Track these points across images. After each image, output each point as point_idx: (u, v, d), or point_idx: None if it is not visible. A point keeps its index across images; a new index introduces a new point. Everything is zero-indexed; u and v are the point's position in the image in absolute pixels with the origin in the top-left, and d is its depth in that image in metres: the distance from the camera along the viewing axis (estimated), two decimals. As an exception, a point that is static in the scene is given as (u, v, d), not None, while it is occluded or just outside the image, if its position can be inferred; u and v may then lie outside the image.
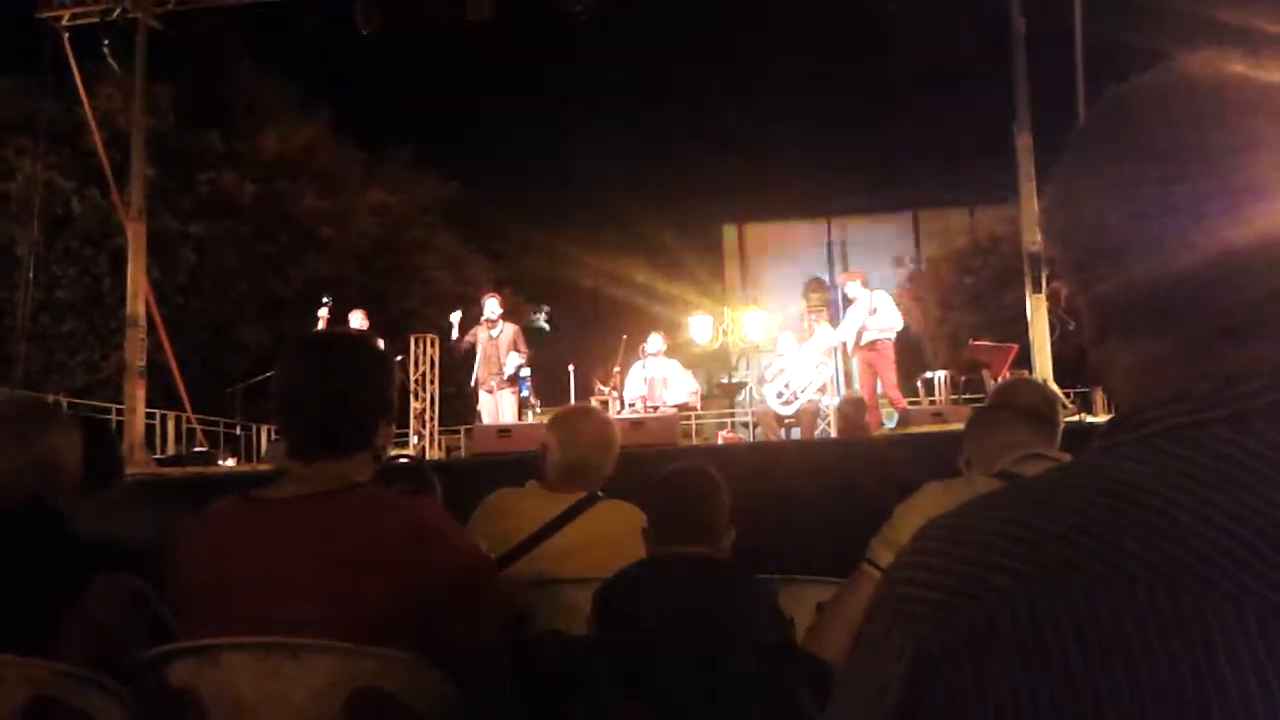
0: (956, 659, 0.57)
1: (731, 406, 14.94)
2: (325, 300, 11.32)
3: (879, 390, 10.16)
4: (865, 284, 10.22)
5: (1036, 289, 10.90)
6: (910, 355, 14.38)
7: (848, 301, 10.20)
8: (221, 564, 1.85)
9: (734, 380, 14.62)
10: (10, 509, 2.09)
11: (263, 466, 11.62)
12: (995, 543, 0.60)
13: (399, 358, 12.45)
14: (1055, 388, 8.95)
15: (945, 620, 0.58)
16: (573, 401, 12.78)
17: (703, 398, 14.26)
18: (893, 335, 10.02)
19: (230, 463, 12.61)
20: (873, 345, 9.90)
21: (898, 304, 10.61)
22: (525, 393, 11.15)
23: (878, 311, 9.90)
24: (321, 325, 10.70)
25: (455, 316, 10.68)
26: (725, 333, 16.97)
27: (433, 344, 14.06)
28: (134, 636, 1.94)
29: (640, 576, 2.25)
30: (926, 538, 0.64)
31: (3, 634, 1.86)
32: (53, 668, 1.84)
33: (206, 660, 1.74)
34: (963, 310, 22.45)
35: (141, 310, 12.96)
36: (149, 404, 13.32)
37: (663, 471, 2.46)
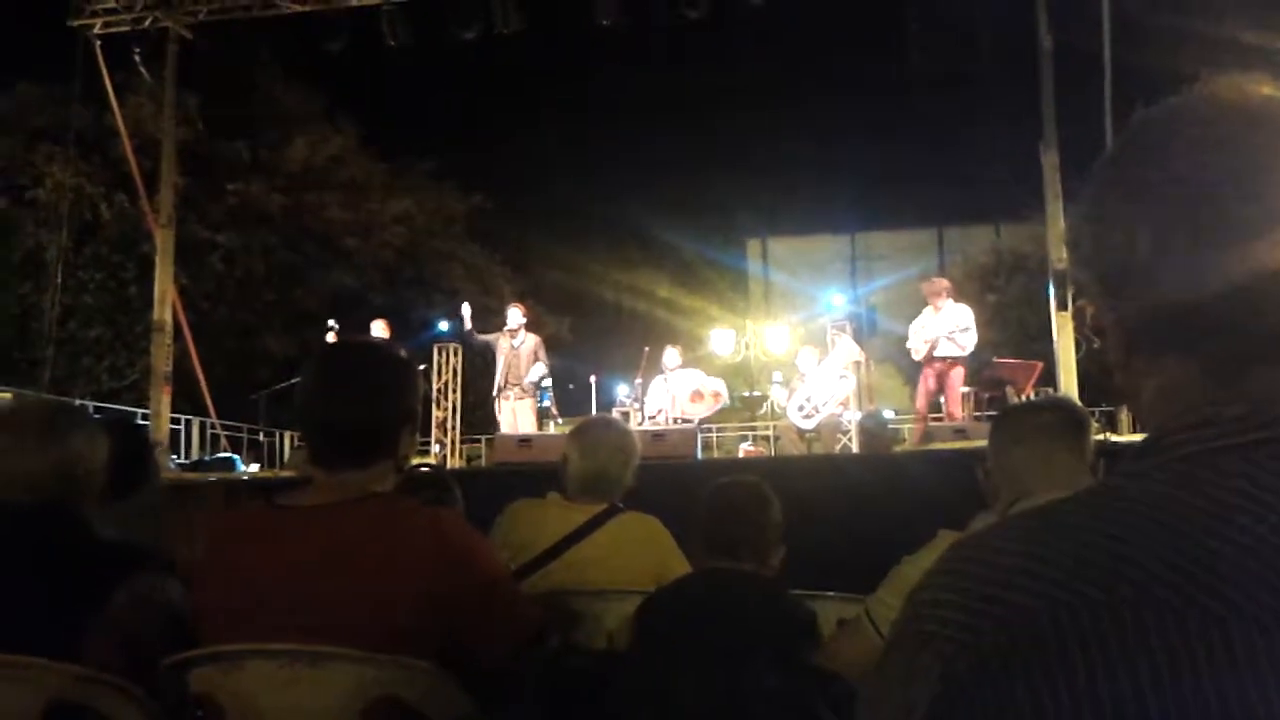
0: (982, 681, 0.57)
1: (753, 420, 14.90)
2: (331, 325, 11.31)
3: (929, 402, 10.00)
4: (951, 296, 9.97)
5: (1062, 307, 10.83)
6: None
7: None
8: (243, 571, 1.85)
9: (755, 394, 14.59)
10: (33, 511, 2.09)
11: (285, 473, 11.68)
12: (1021, 566, 0.59)
13: (422, 367, 12.50)
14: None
15: (971, 642, 0.58)
16: (594, 413, 12.79)
17: (724, 410, 14.22)
18: (967, 353, 9.84)
19: (253, 468, 12.69)
20: (951, 360, 9.71)
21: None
22: (546, 403, 11.15)
23: (968, 330, 9.71)
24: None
25: (466, 308, 10.64)
26: (747, 346, 16.95)
27: (455, 353, 14.12)
28: (155, 641, 1.95)
29: (683, 591, 2.24)
30: (953, 560, 0.64)
31: (24, 636, 1.87)
32: (74, 671, 1.85)
33: (227, 666, 1.75)
34: (985, 327, 22.28)
35: (168, 316, 13.08)
36: (174, 409, 13.43)
37: (713, 485, 2.44)
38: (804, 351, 11.14)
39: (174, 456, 12.89)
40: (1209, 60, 10.47)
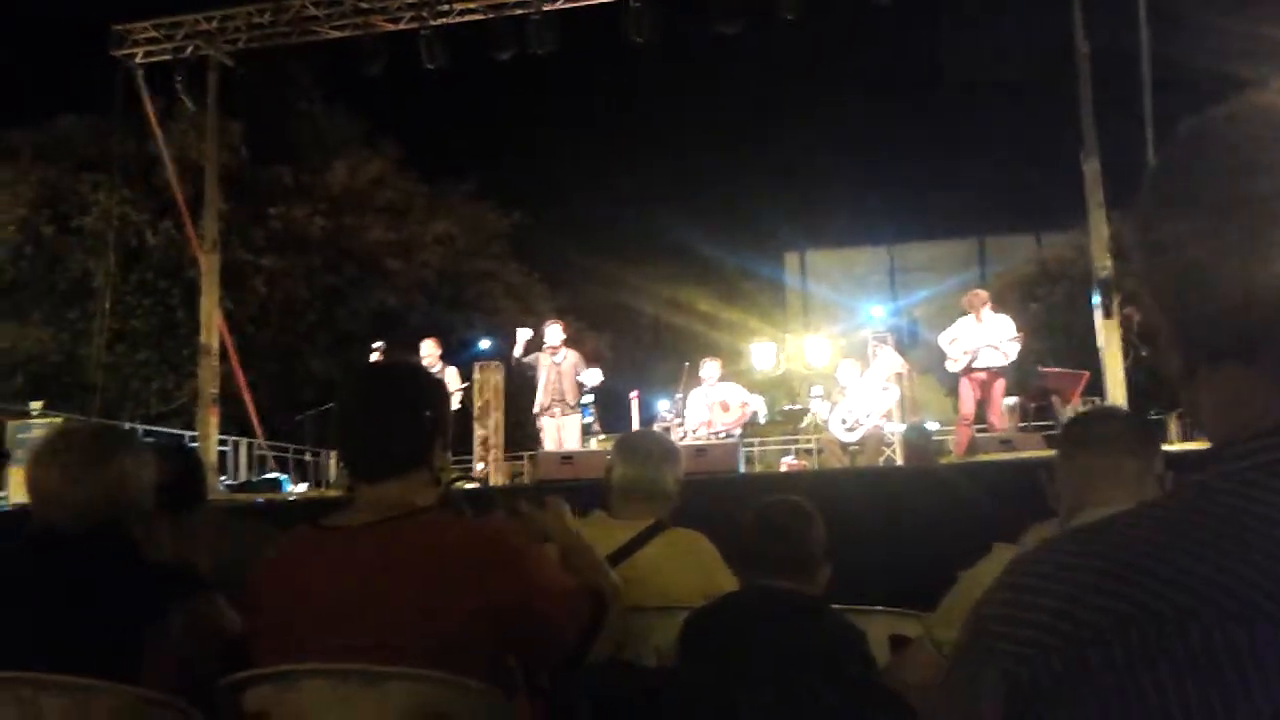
0: (1050, 696, 0.57)
1: (794, 433, 14.84)
2: (376, 346, 11.43)
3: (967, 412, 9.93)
4: (992, 308, 9.94)
5: (1108, 315, 10.71)
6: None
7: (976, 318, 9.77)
8: (295, 592, 1.87)
9: (796, 407, 14.54)
10: (86, 536, 2.12)
11: (331, 492, 11.78)
12: (1089, 581, 0.59)
13: (464, 385, 12.56)
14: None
15: (1039, 658, 0.58)
16: (635, 427, 12.79)
17: (765, 424, 14.15)
18: (1010, 363, 9.78)
19: (300, 488, 12.81)
20: (995, 371, 9.66)
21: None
22: (588, 418, 11.16)
23: (1015, 339, 9.66)
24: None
25: (523, 334, 10.66)
26: (787, 359, 16.91)
27: (496, 371, 14.18)
28: (210, 662, 1.97)
29: (728, 609, 2.23)
30: (1019, 574, 0.63)
31: (84, 658, 1.90)
32: (135, 693, 1.88)
33: (283, 686, 1.76)
34: (1030, 337, 22.06)
35: (214, 340, 13.26)
36: (221, 431, 13.60)
37: (756, 504, 2.44)
38: (845, 364, 11.09)
39: (222, 478, 13.05)
40: (1249, 61, 10.34)
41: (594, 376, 10.41)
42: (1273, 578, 0.55)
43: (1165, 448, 2.24)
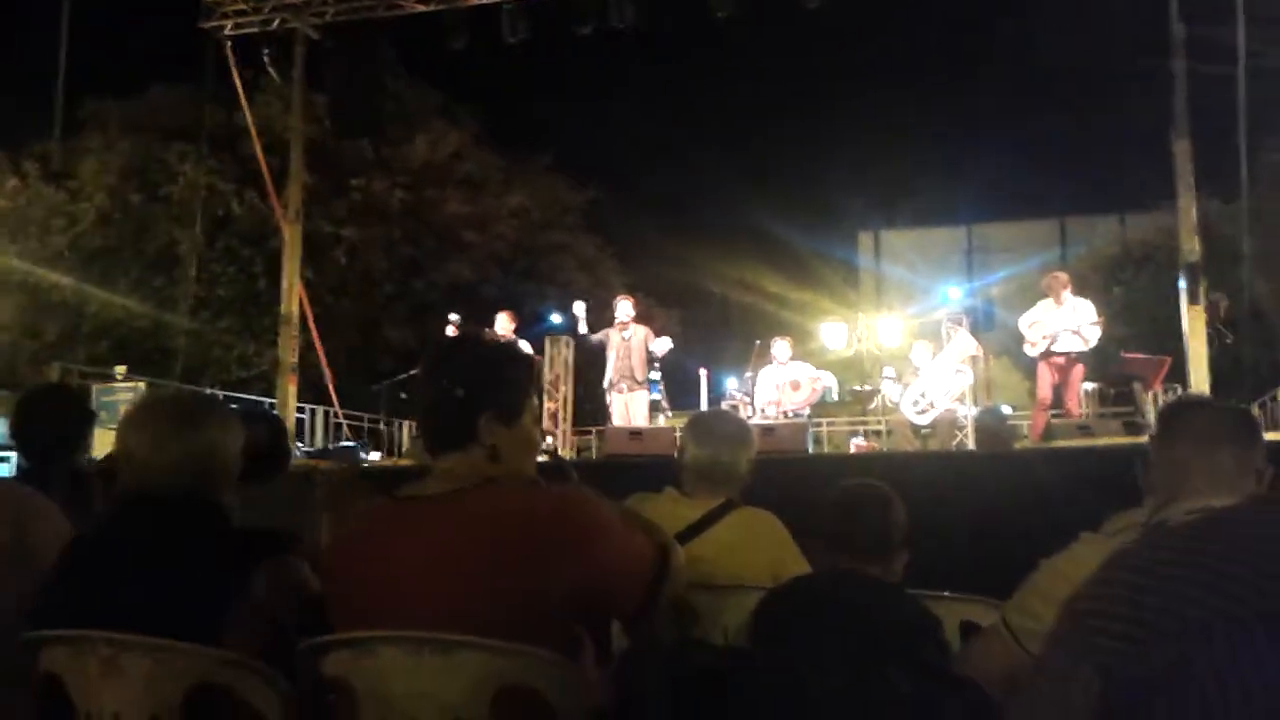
0: (1150, 693, 0.56)
1: (864, 414, 14.70)
2: (452, 319, 11.55)
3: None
4: (1073, 291, 9.76)
5: (1194, 300, 10.42)
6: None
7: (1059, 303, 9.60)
8: (371, 562, 1.91)
9: (867, 388, 14.40)
10: (173, 500, 2.17)
11: (404, 461, 11.96)
12: (1192, 577, 0.58)
13: (537, 359, 12.64)
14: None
15: (1137, 655, 0.57)
16: (703, 405, 12.78)
17: (834, 405, 14.02)
18: (1090, 348, 9.60)
19: (375, 456, 13.03)
20: (1074, 356, 9.50)
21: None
22: (656, 395, 11.17)
23: (1095, 324, 9.48)
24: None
25: (580, 307, 10.68)
26: (859, 340, 16.74)
27: (567, 346, 14.25)
28: (291, 626, 2.02)
29: (803, 590, 2.23)
30: (1116, 568, 0.63)
31: (168, 622, 1.95)
32: (216, 655, 1.92)
33: (360, 652, 1.80)
34: (1112, 321, 21.54)
35: (295, 309, 13.51)
36: (299, 399, 13.87)
37: (837, 486, 2.44)
38: (918, 345, 10.95)
39: (299, 444, 13.32)
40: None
41: (664, 345, 10.39)
42: None
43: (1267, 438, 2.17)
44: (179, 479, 2.17)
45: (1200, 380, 10.26)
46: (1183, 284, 10.69)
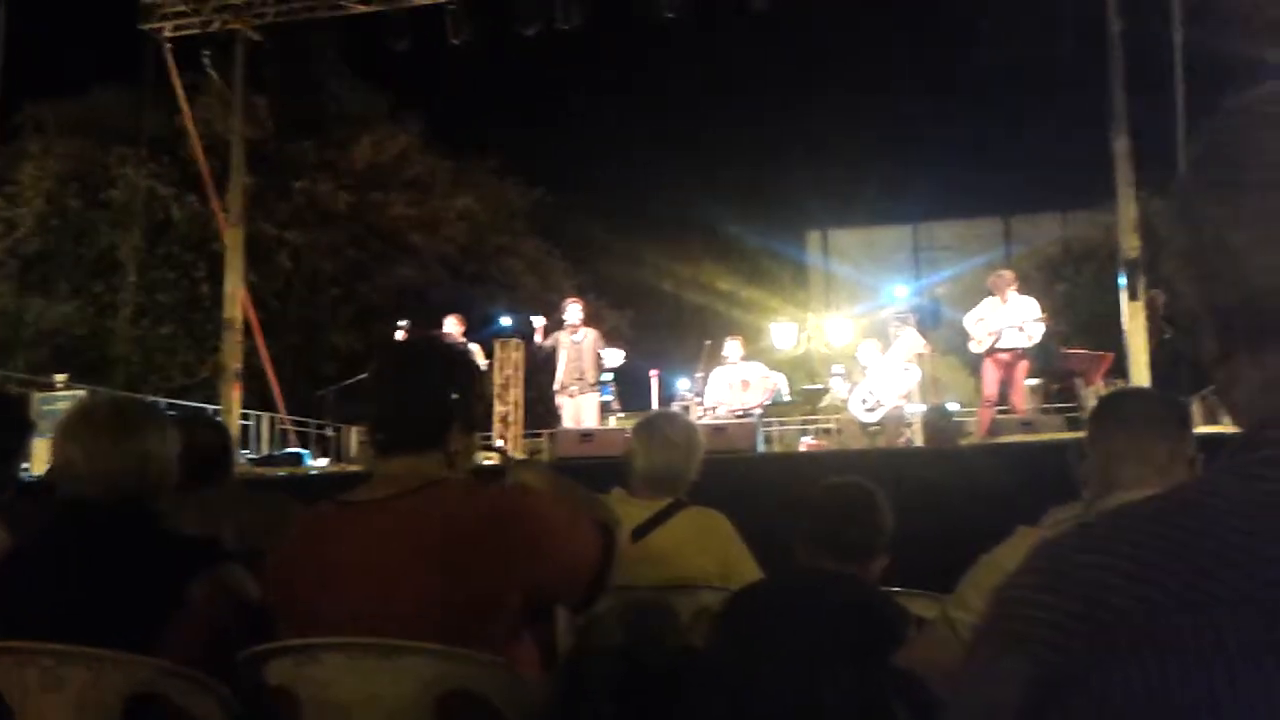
0: (1075, 683, 0.56)
1: (814, 413, 14.81)
2: (401, 324, 11.57)
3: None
4: (1017, 289, 9.91)
5: (1134, 296, 10.61)
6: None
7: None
8: (315, 567, 1.89)
9: (817, 386, 14.51)
10: (110, 508, 2.14)
11: (352, 467, 11.85)
12: (1116, 565, 0.58)
13: (485, 362, 12.59)
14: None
15: (1064, 644, 0.57)
16: (654, 407, 12.79)
17: (784, 404, 14.10)
18: (1034, 344, 9.75)
19: (322, 463, 12.88)
20: (1018, 352, 9.65)
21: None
22: (607, 397, 11.17)
23: (1039, 320, 9.64)
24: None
25: (539, 321, 10.77)
26: (809, 339, 16.87)
27: (517, 348, 14.20)
28: (232, 634, 1.99)
29: (770, 590, 2.23)
30: (1043, 558, 0.63)
31: (106, 630, 1.92)
32: (155, 664, 1.90)
33: (303, 659, 1.78)
34: (1054, 318, 21.89)
35: (238, 314, 13.32)
36: (244, 405, 13.69)
37: (822, 483, 2.43)
38: (866, 344, 11.05)
39: (244, 451, 13.14)
40: (1281, 41, 10.19)
41: (615, 357, 10.43)
42: None
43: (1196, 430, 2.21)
44: (115, 487, 2.15)
45: (1141, 375, 10.45)
46: (1123, 281, 10.88)
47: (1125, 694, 0.55)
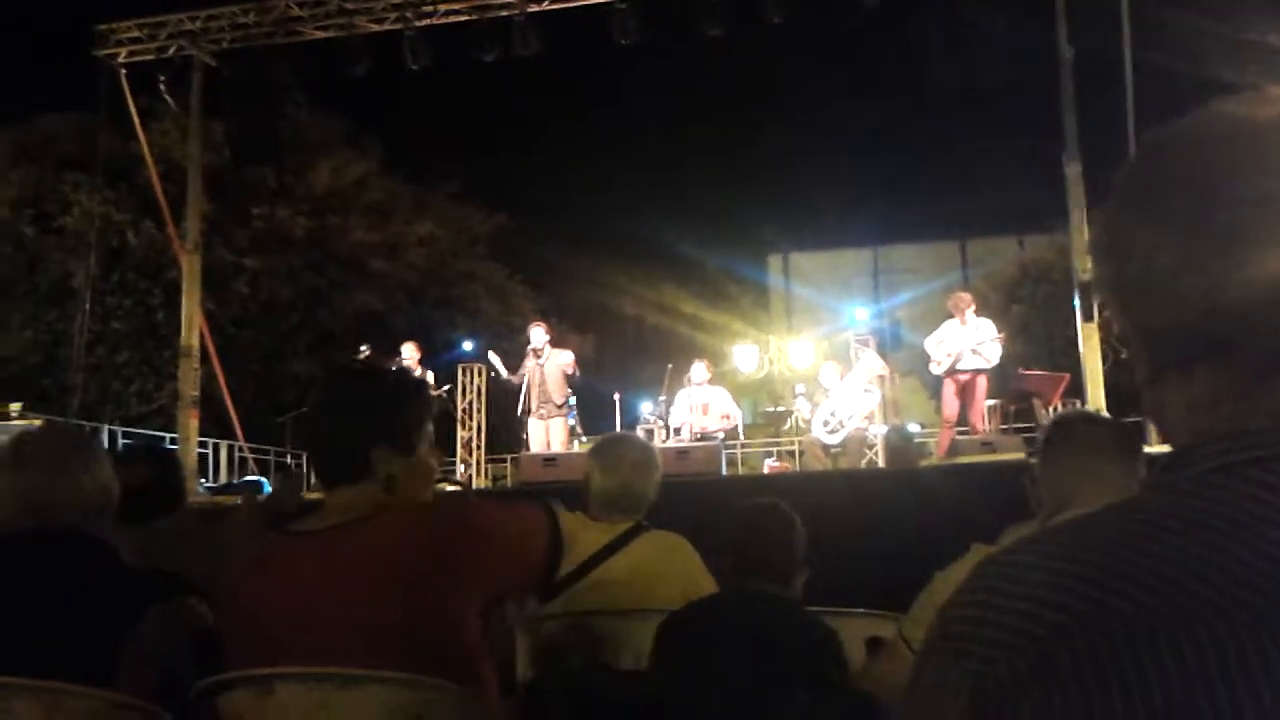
0: (1015, 698, 0.57)
1: (777, 435, 14.86)
2: (362, 350, 11.53)
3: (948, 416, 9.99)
4: (975, 311, 10.01)
5: (1088, 318, 10.76)
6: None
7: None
8: (266, 599, 1.87)
9: (779, 409, 14.56)
10: (58, 539, 2.11)
11: (312, 495, 11.73)
12: (1052, 581, 0.59)
13: (447, 387, 12.54)
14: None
15: (1003, 659, 0.58)
16: (618, 430, 12.77)
17: (748, 426, 14.17)
18: (992, 366, 9.84)
19: (280, 491, 12.71)
20: (976, 372, 9.73)
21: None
22: (571, 421, 11.15)
23: (995, 341, 9.74)
24: None
25: (495, 358, 10.82)
26: (771, 361, 16.94)
27: (480, 374, 14.16)
28: (185, 666, 1.96)
29: (705, 611, 2.23)
30: (983, 576, 0.63)
31: (58, 662, 1.88)
32: (107, 697, 1.86)
33: (258, 691, 1.75)
34: (1011, 340, 22.16)
35: (195, 341, 13.18)
36: (202, 433, 13.52)
37: (740, 506, 2.44)
38: (827, 366, 11.11)
39: (202, 480, 12.98)
40: (1231, 66, 10.41)
41: (566, 357, 10.43)
42: (1233, 578, 0.56)
43: (1146, 450, 2.24)
44: (57, 518, 2.13)
45: (1097, 395, 10.59)
46: (1078, 302, 11.03)
47: (1065, 711, 0.55)
